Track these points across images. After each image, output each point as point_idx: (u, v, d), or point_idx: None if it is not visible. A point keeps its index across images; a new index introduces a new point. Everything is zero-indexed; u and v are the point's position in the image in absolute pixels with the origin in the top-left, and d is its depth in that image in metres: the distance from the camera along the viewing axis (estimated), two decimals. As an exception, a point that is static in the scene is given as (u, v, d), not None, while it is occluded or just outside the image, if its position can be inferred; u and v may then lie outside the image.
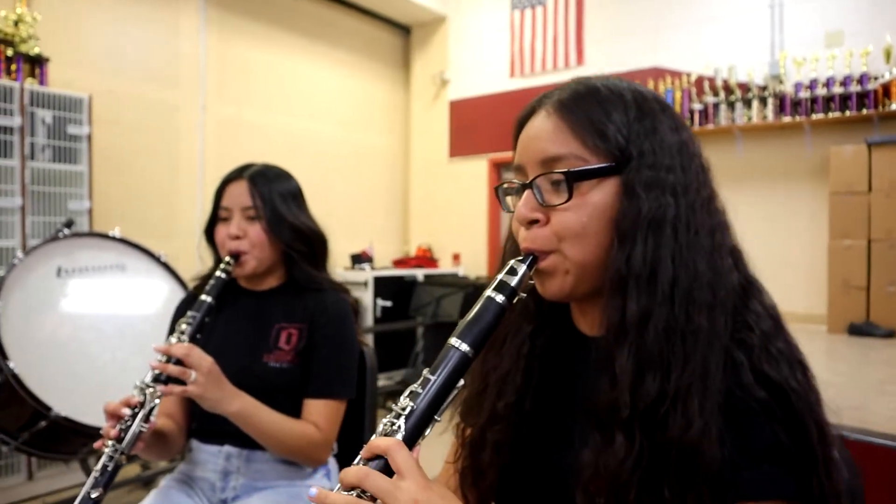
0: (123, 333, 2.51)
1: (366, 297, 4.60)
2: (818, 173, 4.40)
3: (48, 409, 2.20)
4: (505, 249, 0.74)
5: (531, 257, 0.64)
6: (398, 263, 5.37)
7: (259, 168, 1.31)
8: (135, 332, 2.52)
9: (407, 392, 0.59)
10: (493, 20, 5.72)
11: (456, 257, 5.70)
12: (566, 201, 0.62)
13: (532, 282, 0.66)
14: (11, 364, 2.17)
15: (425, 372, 0.59)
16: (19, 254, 2.42)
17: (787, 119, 4.42)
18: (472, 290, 4.61)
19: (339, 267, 4.77)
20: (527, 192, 0.65)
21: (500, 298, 0.61)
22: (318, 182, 4.90)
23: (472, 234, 5.67)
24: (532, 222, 0.65)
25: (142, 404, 1.02)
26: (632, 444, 0.57)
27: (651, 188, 0.61)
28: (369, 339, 4.59)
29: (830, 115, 4.29)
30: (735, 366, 0.58)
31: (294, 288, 1.32)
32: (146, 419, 1.02)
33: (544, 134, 0.65)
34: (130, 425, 1.00)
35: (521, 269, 0.63)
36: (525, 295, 0.64)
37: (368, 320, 4.57)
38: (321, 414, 1.23)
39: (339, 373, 1.26)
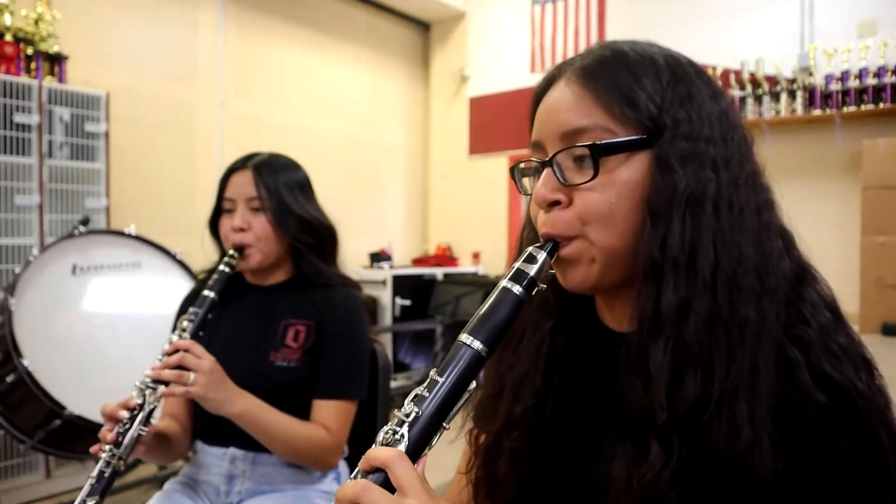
0: (139, 332, 2.49)
1: (384, 295, 4.55)
2: (850, 168, 4.25)
3: (62, 408, 2.18)
4: (521, 238, 0.67)
5: (551, 243, 0.57)
6: (417, 262, 5.32)
7: (264, 157, 1.25)
8: (150, 330, 2.49)
9: (411, 396, 0.52)
10: (513, 15, 5.64)
11: (475, 256, 5.63)
12: (591, 179, 0.55)
13: (553, 271, 0.59)
14: (25, 362, 2.16)
15: (432, 373, 0.52)
16: (34, 251, 2.41)
17: (816, 112, 4.27)
18: (492, 288, 4.53)
19: (357, 265, 4.73)
20: (546, 171, 0.58)
21: (517, 290, 0.54)
22: (337, 180, 4.87)
23: (492, 233, 5.59)
24: (552, 204, 0.57)
25: (141, 406, 0.97)
26: (669, 454, 0.49)
27: (688, 161, 0.53)
28: (388, 338, 4.55)
29: (863, 107, 4.14)
30: (789, 364, 0.50)
31: (302, 283, 1.26)
32: (145, 422, 0.96)
33: (565, 104, 0.57)
34: (129, 429, 0.95)
35: (541, 256, 0.56)
36: (545, 286, 0.57)
37: (387, 319, 4.52)
38: (331, 415, 1.17)
39: (350, 372, 1.20)
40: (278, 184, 1.21)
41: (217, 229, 1.26)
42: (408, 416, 0.50)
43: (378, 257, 4.88)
